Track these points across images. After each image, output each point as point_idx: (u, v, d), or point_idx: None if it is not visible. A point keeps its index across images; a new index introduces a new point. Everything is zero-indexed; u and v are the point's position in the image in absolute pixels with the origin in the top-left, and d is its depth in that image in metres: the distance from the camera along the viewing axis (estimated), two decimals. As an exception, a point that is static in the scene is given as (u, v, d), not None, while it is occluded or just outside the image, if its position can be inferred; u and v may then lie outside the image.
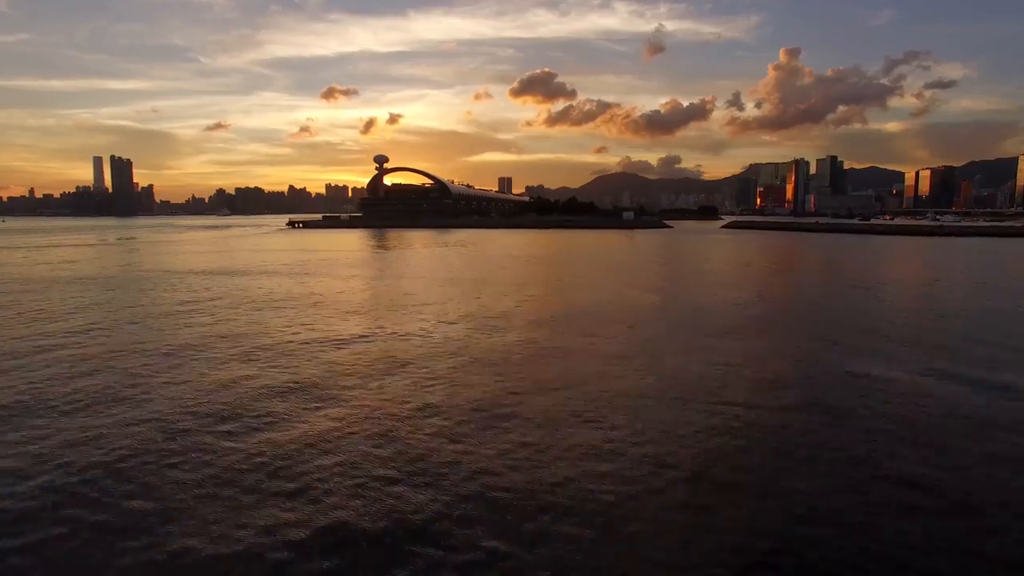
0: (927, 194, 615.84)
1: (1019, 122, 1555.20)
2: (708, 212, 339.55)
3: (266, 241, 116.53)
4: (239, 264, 63.01)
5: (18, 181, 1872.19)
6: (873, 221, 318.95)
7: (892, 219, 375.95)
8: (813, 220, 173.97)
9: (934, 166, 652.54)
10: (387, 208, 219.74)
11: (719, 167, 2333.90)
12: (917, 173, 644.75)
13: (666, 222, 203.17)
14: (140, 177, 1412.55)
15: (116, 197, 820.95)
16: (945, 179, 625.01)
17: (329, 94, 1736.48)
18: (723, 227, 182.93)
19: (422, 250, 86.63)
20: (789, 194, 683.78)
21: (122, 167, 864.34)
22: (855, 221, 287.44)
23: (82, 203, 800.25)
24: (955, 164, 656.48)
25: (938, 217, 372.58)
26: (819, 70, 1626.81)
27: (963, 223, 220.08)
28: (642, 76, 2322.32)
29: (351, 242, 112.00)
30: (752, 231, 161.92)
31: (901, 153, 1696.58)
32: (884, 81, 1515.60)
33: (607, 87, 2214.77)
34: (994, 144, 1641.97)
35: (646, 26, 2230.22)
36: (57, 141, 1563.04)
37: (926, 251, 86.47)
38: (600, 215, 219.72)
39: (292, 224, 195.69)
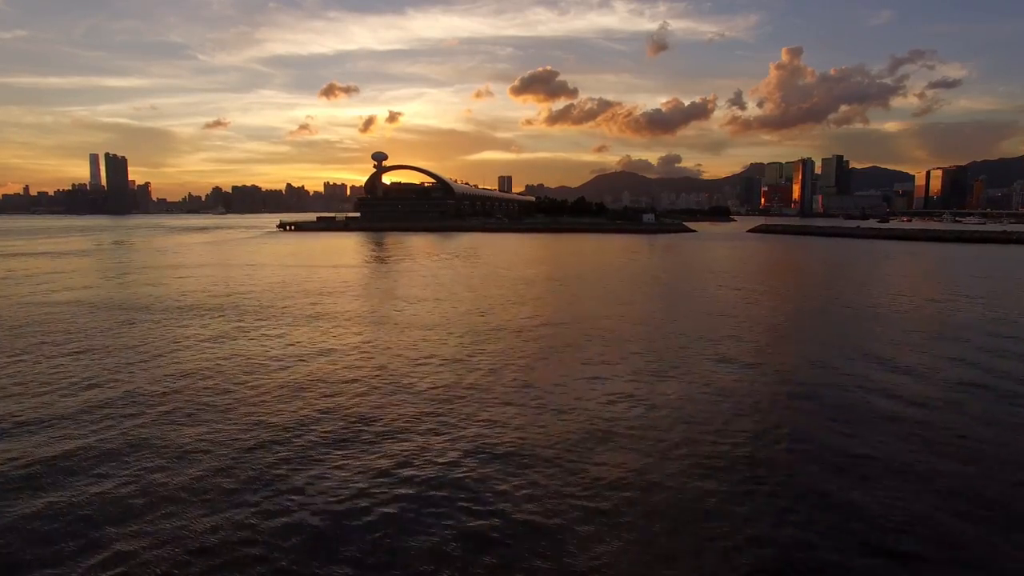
0: (938, 194, 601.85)
1: (1018, 122, 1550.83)
2: (720, 213, 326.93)
3: (249, 249, 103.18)
4: (198, 294, 49.70)
5: (15, 178, 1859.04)
6: (893, 223, 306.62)
7: (909, 221, 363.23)
8: (855, 224, 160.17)
9: (934, 166, 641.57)
10: (386, 208, 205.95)
11: (719, 166, 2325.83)
12: (928, 173, 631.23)
13: (686, 224, 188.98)
14: (138, 175, 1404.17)
15: (110, 195, 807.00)
16: (956, 179, 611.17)
17: (329, 91, 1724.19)
18: (750, 231, 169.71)
19: (424, 264, 73.37)
20: (796, 194, 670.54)
21: (117, 164, 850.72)
22: (874, 224, 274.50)
23: (76, 201, 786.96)
24: (955, 164, 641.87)
25: (959, 219, 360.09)
26: (818, 69, 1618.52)
27: (987, 226, 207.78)
28: (641, 75, 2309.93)
29: (344, 251, 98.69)
30: (784, 237, 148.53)
31: (901, 153, 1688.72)
32: (887, 81, 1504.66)
33: (607, 86, 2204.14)
34: (993, 144, 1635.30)
35: (645, 25, 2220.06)
36: (54, 138, 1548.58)
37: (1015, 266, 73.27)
38: (612, 216, 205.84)
39: (283, 226, 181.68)
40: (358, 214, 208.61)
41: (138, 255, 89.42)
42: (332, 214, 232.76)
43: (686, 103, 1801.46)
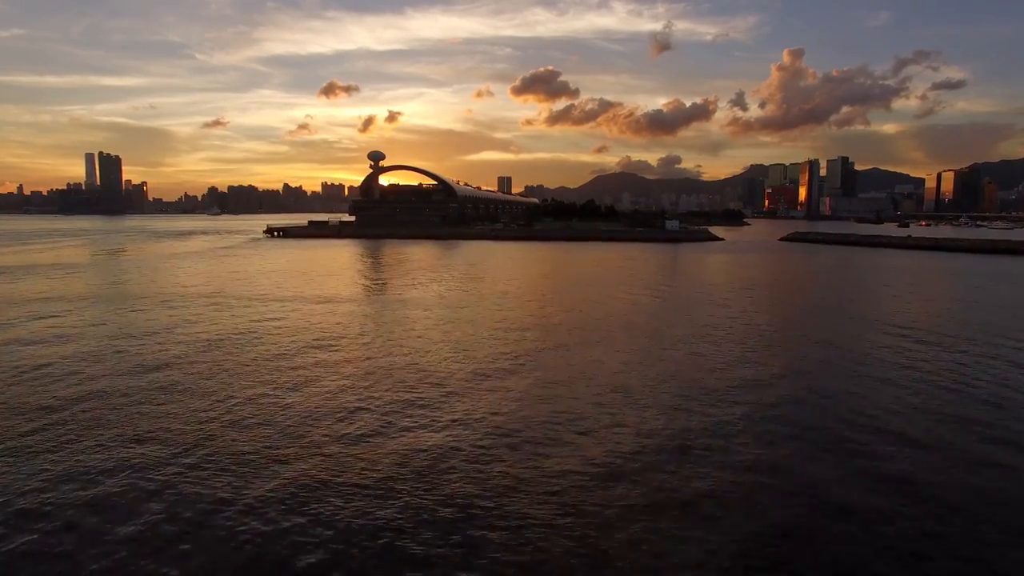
0: (950, 197, 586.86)
1: (1016, 124, 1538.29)
2: (734, 217, 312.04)
3: (225, 267, 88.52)
4: (119, 383, 35.10)
5: (12, 177, 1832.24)
6: (912, 227, 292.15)
7: (928, 225, 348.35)
8: (904, 234, 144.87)
9: (932, 168, 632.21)
10: (383, 212, 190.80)
11: (718, 167, 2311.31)
12: (939, 175, 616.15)
13: (710, 230, 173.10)
14: (136, 174, 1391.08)
15: (103, 195, 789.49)
16: (968, 181, 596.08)
17: (330, 89, 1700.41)
18: (782, 240, 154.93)
19: (426, 298, 59.06)
20: (802, 196, 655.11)
21: (110, 164, 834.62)
22: (895, 228, 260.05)
23: (69, 201, 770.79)
24: (954, 167, 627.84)
25: (980, 223, 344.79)
26: (818, 70, 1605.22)
27: (1015, 232, 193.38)
28: (642, 76, 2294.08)
29: (332, 272, 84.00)
30: (827, 248, 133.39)
31: (900, 154, 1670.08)
32: (890, 82, 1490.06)
33: (607, 86, 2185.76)
34: (991, 146, 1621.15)
35: (644, 26, 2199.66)
36: (52, 137, 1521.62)
37: None
38: (631, 223, 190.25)
39: (270, 232, 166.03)
40: (352, 218, 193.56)
41: (86, 277, 74.88)
42: (325, 217, 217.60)
43: (687, 104, 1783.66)
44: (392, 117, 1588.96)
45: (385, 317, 45.03)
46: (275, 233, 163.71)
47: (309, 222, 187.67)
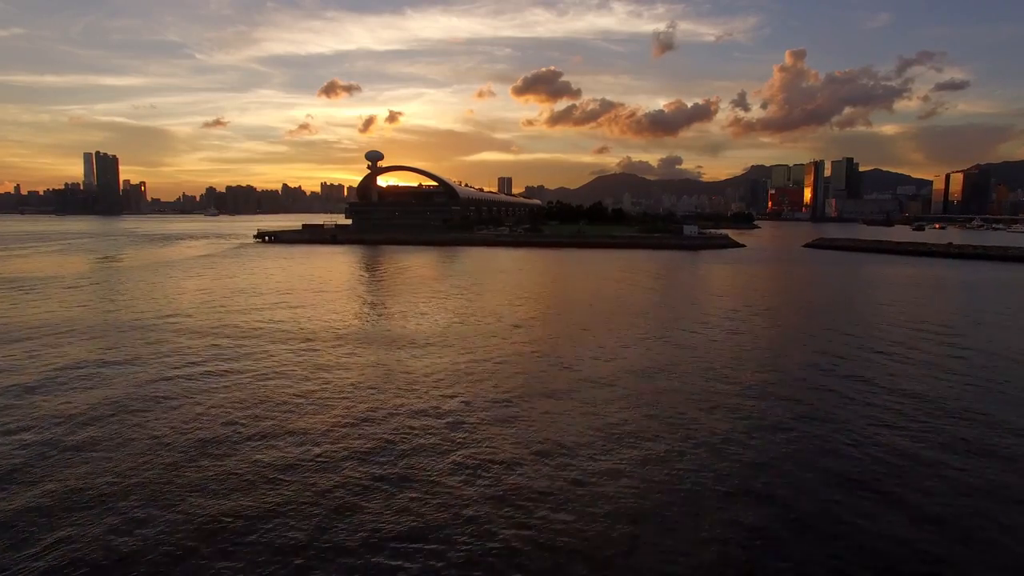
0: (959, 198, 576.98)
1: (1015, 126, 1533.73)
2: (744, 220, 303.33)
3: (198, 283, 79.38)
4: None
5: (10, 177, 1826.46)
6: (928, 231, 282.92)
7: (941, 227, 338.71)
8: (946, 242, 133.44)
9: (932, 169, 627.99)
10: (381, 216, 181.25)
11: (718, 168, 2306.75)
12: (948, 176, 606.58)
13: (729, 235, 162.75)
14: (135, 174, 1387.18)
15: (101, 195, 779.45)
16: (977, 183, 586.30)
17: (330, 89, 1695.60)
18: (805, 246, 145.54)
19: (428, 334, 49.95)
20: (807, 197, 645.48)
21: (108, 164, 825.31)
22: (910, 231, 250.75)
23: (66, 201, 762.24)
24: (954, 168, 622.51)
25: (997, 226, 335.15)
26: (818, 72, 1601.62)
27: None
28: (643, 76, 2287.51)
29: (323, 290, 74.77)
30: (856, 255, 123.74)
31: (900, 155, 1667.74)
32: (893, 83, 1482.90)
33: (608, 87, 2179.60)
34: (990, 148, 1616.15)
35: (644, 26, 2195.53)
36: (51, 137, 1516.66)
37: None
38: (637, 225, 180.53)
39: (262, 236, 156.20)
40: (349, 221, 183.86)
41: (24, 300, 66.04)
42: (321, 220, 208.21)
43: (688, 104, 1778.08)
44: (392, 117, 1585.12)
45: (380, 385, 35.74)
46: (266, 238, 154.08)
47: (303, 225, 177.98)
